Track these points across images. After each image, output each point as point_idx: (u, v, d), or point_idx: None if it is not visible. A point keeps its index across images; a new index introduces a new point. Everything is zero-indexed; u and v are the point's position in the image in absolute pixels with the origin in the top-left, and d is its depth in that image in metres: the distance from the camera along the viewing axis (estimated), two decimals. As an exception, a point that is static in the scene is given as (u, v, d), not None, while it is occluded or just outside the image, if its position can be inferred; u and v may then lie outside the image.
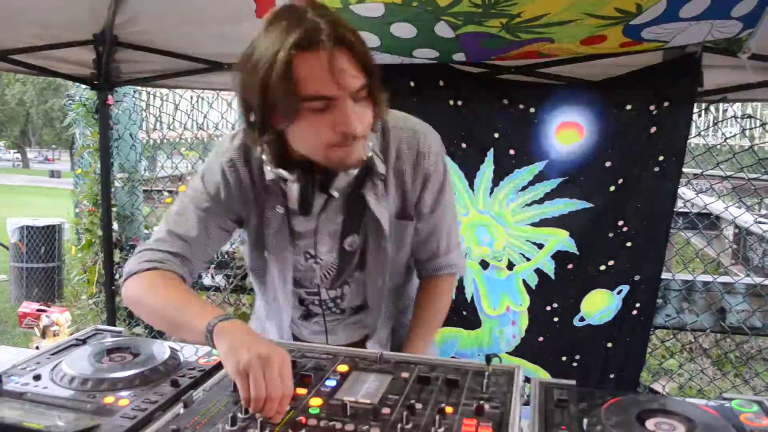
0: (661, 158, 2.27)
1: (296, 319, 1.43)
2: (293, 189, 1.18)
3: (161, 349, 1.16)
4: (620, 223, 2.36)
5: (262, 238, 1.30)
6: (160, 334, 3.88)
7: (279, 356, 0.94)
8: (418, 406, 0.95)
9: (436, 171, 1.28)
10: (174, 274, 1.20)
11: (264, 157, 1.18)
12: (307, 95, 1.01)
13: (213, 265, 3.65)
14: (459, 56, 2.25)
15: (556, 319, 2.50)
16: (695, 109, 2.34)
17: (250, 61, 1.04)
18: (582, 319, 2.47)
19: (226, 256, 3.67)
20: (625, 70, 2.26)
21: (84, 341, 1.26)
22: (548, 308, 2.50)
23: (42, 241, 6.41)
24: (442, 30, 1.99)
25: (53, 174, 25.99)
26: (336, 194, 1.18)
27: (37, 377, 1.06)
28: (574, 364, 2.51)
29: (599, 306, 2.45)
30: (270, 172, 1.19)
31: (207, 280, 3.67)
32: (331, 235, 1.29)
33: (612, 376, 2.48)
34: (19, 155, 34.40)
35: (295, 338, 1.44)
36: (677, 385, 3.46)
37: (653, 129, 2.26)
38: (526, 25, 1.90)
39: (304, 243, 1.30)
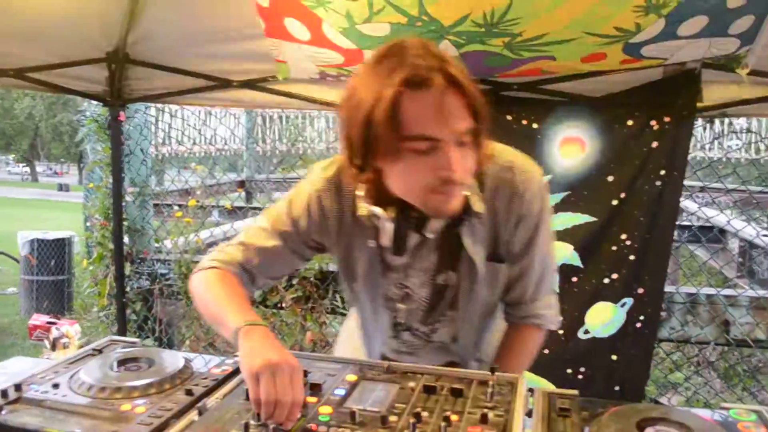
0: (662, 172, 2.29)
1: (387, 339, 1.39)
2: (387, 227, 1.15)
3: (175, 359, 1.20)
4: (623, 236, 2.37)
5: (352, 270, 1.28)
6: (169, 346, 3.92)
7: (290, 364, 0.97)
8: (425, 414, 0.97)
9: (530, 212, 1.18)
10: (233, 276, 1.23)
11: (358, 192, 1.16)
12: (412, 135, 0.98)
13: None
14: (463, 73, 2.30)
15: (561, 332, 2.51)
16: (699, 123, 2.37)
17: (354, 97, 1.02)
18: (587, 332, 2.48)
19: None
20: (626, 86, 2.29)
21: (100, 351, 1.29)
22: (553, 321, 2.51)
23: (52, 254, 6.47)
24: (446, 49, 2.03)
25: (62, 188, 26.15)
26: (431, 236, 1.16)
27: (56, 386, 1.09)
28: (580, 376, 2.51)
29: (603, 319, 2.46)
30: (363, 207, 1.16)
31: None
32: (424, 270, 1.25)
33: (617, 388, 2.48)
34: (28, 169, 34.68)
35: (384, 357, 1.41)
36: (684, 398, 3.44)
37: (654, 144, 2.28)
38: (528, 43, 1.94)
39: (395, 276, 1.27)
